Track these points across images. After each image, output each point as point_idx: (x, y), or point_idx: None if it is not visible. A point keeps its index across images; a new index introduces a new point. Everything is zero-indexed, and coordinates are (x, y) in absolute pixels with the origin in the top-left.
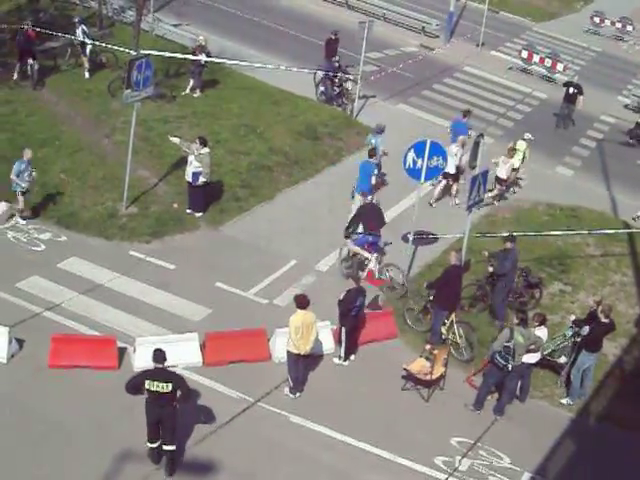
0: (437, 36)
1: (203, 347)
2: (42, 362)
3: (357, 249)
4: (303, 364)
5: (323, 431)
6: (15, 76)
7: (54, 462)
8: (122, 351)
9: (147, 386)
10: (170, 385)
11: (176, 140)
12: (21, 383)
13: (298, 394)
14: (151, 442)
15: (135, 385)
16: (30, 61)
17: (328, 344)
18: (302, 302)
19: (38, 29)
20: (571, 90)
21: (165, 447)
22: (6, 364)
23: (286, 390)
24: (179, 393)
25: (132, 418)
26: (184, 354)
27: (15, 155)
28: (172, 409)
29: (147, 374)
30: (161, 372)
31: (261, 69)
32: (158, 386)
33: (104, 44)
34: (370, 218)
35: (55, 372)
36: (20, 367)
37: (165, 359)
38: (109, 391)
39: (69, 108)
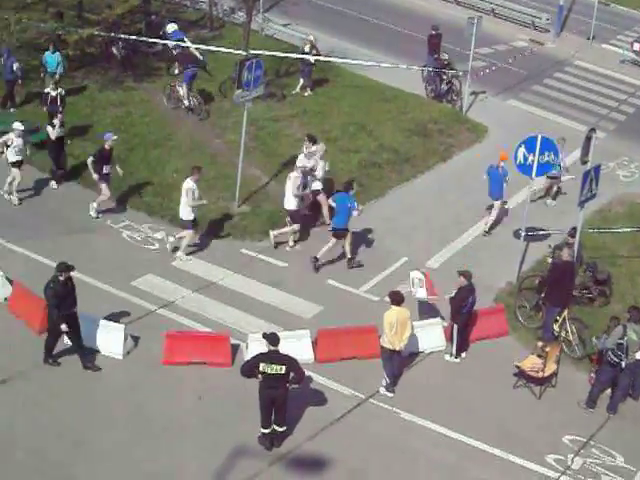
0: (547, 30)
1: (315, 344)
2: (156, 359)
3: None
4: (398, 360)
5: (434, 428)
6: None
7: (168, 457)
8: (235, 348)
9: (262, 369)
10: (284, 367)
11: None
12: (136, 379)
13: (393, 393)
14: (264, 427)
15: (250, 367)
16: None
17: (440, 341)
18: (397, 298)
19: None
20: None
21: (277, 428)
22: (122, 360)
23: (382, 389)
24: (292, 375)
25: (244, 414)
26: (296, 351)
27: (129, 155)
28: (285, 391)
29: (262, 357)
30: (275, 355)
31: (370, 67)
32: (273, 368)
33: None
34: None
35: (169, 369)
36: (135, 363)
37: (278, 341)
38: (222, 388)
39: (180, 109)
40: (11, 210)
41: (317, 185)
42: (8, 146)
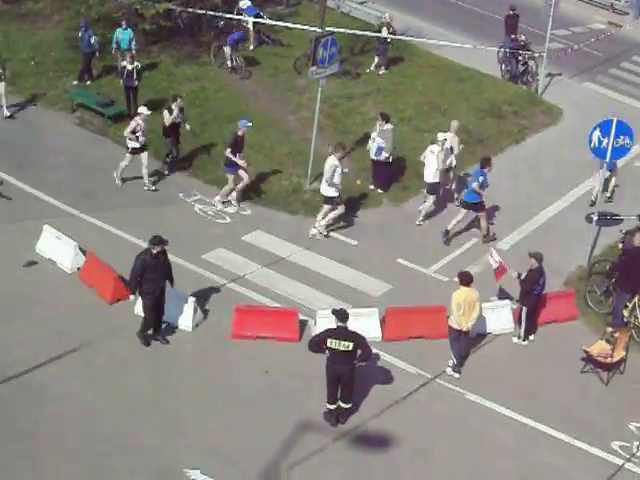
0: (626, 13)
1: (383, 322)
2: (225, 332)
3: None
4: (465, 341)
5: (499, 410)
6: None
7: (235, 429)
8: (303, 324)
9: (329, 344)
10: (351, 344)
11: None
12: (205, 351)
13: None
14: (330, 403)
15: (318, 343)
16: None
17: (508, 323)
18: (466, 279)
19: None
20: None
21: (342, 405)
22: (191, 332)
23: (448, 370)
24: (359, 352)
25: (310, 389)
26: (364, 328)
27: (203, 130)
28: (351, 368)
29: (330, 332)
30: (343, 331)
31: (446, 46)
32: (340, 344)
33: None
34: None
35: (237, 342)
36: (204, 336)
37: (347, 318)
38: (289, 363)
39: (256, 84)
40: (85, 182)
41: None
42: (135, 132)
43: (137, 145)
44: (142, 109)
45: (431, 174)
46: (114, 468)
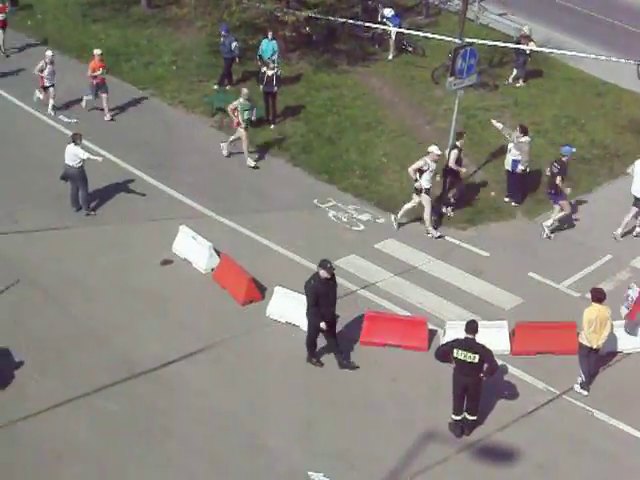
0: None
1: (512, 335)
2: (354, 337)
3: None
4: (595, 359)
5: (628, 430)
6: None
7: (360, 434)
8: (432, 334)
9: (455, 354)
10: (477, 356)
11: (499, 125)
12: (333, 356)
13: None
14: (456, 414)
15: (444, 352)
16: None
17: None
18: (598, 296)
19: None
20: None
21: (468, 417)
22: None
23: (577, 387)
24: (485, 366)
25: (437, 399)
26: (492, 341)
27: (339, 137)
28: (478, 380)
29: (457, 343)
30: (470, 342)
31: (585, 60)
32: (466, 355)
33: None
34: None
35: (365, 348)
36: None
37: (476, 331)
38: (417, 371)
39: (393, 94)
40: (222, 185)
41: None
42: (422, 172)
43: (428, 186)
44: (433, 148)
45: None
46: (239, 467)
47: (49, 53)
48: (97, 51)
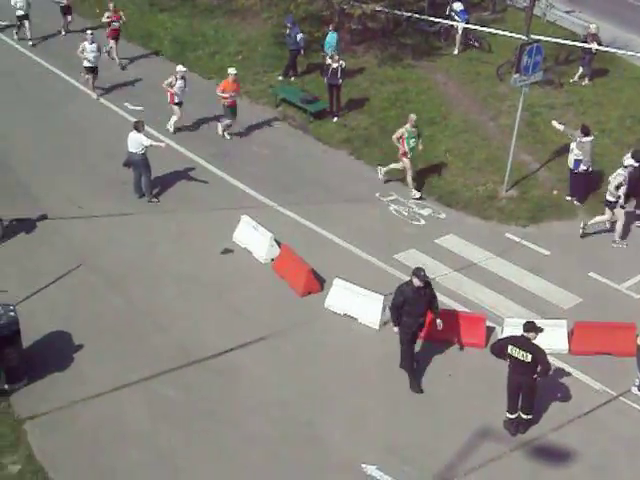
0: None
1: (570, 335)
2: None
3: None
4: None
5: None
6: None
7: (416, 429)
8: (490, 330)
9: (509, 351)
10: (530, 356)
11: (560, 127)
12: (389, 350)
13: None
14: (510, 412)
15: (499, 347)
16: None
17: None
18: None
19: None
20: None
21: (523, 416)
22: (378, 330)
23: (634, 389)
24: (539, 367)
25: (493, 397)
26: (551, 340)
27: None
28: (532, 380)
29: (512, 339)
30: (525, 341)
31: None
32: (519, 354)
33: (477, 27)
34: None
35: (423, 343)
36: (391, 334)
37: (532, 331)
38: (474, 368)
39: (457, 89)
40: (284, 176)
41: None
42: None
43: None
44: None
45: None
46: (293, 457)
47: (181, 68)
48: (232, 70)
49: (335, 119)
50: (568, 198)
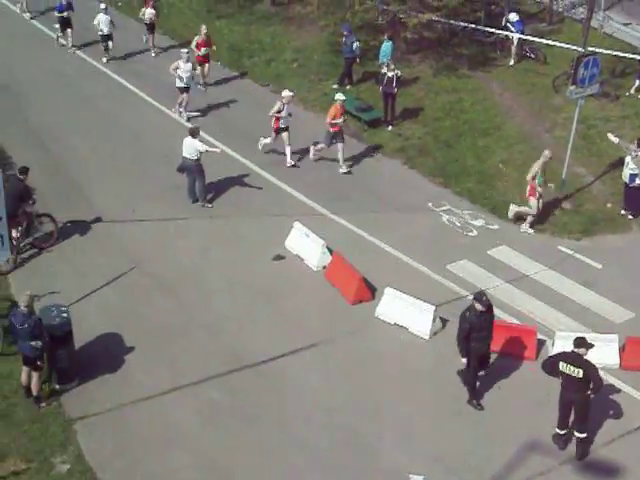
0: None
1: (622, 350)
2: None
3: None
4: None
5: None
6: None
7: (462, 439)
8: (541, 343)
9: (561, 367)
10: (581, 372)
11: (615, 139)
12: (438, 360)
13: None
14: (560, 428)
15: (551, 364)
16: None
17: None
18: None
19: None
20: None
21: (576, 434)
22: (428, 340)
23: None
24: (592, 384)
25: (542, 410)
26: (602, 354)
27: (457, 141)
28: (584, 397)
29: (563, 356)
30: (576, 357)
31: None
32: (570, 369)
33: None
34: None
35: None
36: (440, 345)
37: (583, 346)
38: (523, 380)
39: (512, 100)
40: (338, 184)
41: None
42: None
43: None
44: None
45: None
46: (340, 463)
47: (288, 93)
48: (340, 96)
49: (389, 128)
50: (622, 212)
